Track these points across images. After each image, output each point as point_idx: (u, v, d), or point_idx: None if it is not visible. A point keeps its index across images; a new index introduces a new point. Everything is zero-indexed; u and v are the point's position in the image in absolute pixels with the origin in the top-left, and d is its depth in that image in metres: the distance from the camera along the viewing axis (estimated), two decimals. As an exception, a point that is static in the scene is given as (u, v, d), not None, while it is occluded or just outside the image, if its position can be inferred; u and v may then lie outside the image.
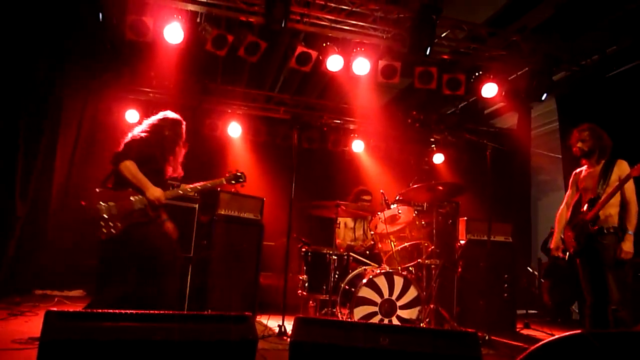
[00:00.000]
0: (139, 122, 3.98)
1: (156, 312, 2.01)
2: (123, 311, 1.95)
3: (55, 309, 1.90)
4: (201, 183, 3.82)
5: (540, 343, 2.46)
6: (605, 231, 3.89)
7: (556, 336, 2.48)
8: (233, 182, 4.00)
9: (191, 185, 3.76)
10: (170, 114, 3.80)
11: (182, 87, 7.57)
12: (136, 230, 3.37)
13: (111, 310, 1.98)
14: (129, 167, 3.38)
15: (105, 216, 3.28)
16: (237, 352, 2.09)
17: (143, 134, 3.58)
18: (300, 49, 5.87)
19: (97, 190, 3.38)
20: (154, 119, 3.74)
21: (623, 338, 2.65)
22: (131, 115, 7.21)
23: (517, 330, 5.98)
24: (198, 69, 7.32)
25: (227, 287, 5.23)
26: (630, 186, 3.93)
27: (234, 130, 7.96)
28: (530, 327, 6.21)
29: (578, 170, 4.31)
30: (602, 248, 3.87)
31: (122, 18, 5.46)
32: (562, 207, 4.36)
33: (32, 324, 4.16)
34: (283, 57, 7.14)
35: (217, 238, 5.25)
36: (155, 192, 3.44)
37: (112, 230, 3.28)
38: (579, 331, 2.47)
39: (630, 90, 6.22)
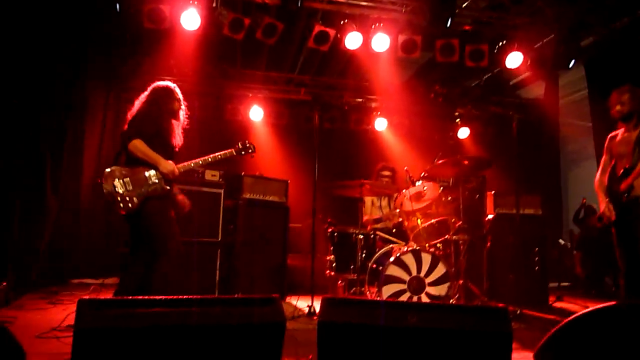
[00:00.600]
0: None
1: (188, 296, 2.03)
2: (154, 297, 1.98)
3: (88, 297, 1.94)
4: (211, 155, 3.83)
5: (574, 315, 2.42)
6: (639, 202, 3.75)
7: (590, 308, 2.43)
8: (242, 153, 4.04)
9: (202, 158, 3.77)
10: (159, 84, 3.79)
11: (202, 73, 7.60)
12: (151, 203, 3.43)
13: (142, 297, 2.02)
14: (138, 146, 3.42)
15: (121, 191, 3.36)
16: (266, 334, 2.11)
17: (143, 110, 3.61)
18: (317, 28, 5.80)
19: (108, 170, 3.43)
20: (145, 93, 3.74)
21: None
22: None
23: (550, 303, 5.89)
24: (217, 54, 7.32)
25: (255, 270, 5.29)
26: None
27: (256, 114, 7.97)
28: (563, 300, 6.12)
29: (613, 134, 4.11)
30: (636, 218, 3.74)
31: (139, 7, 5.48)
32: (598, 174, 4.19)
33: (70, 312, 4.30)
34: (301, 37, 7.06)
35: (242, 222, 5.29)
36: (168, 165, 3.50)
37: (129, 204, 3.36)
38: (613, 303, 2.42)
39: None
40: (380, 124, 8.40)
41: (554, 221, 8.17)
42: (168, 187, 3.54)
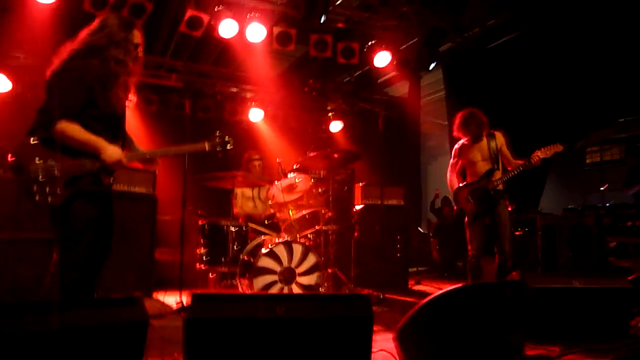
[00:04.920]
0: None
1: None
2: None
3: None
4: (175, 147, 3.12)
5: (428, 298, 2.66)
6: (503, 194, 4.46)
7: (441, 291, 2.70)
8: (219, 149, 3.11)
9: (162, 148, 3.05)
10: (111, 16, 2.84)
11: (60, 50, 6.86)
12: (81, 200, 2.56)
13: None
14: (66, 130, 2.49)
15: (41, 179, 2.43)
16: (127, 334, 1.99)
17: (72, 66, 2.63)
18: (190, 12, 5.56)
19: (31, 141, 2.48)
20: (85, 32, 2.76)
21: (493, 287, 2.97)
22: (1, 81, 6.42)
23: (410, 287, 6.40)
24: (76, 31, 6.66)
25: (121, 266, 4.95)
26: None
27: (122, 98, 7.42)
28: (421, 284, 6.69)
29: (462, 143, 4.72)
30: (500, 206, 4.43)
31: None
32: (450, 173, 4.76)
33: None
34: (173, 21, 6.73)
35: (105, 215, 4.92)
36: (114, 153, 2.60)
37: (49, 197, 2.45)
38: (460, 285, 2.71)
39: (507, 60, 6.76)
40: (255, 115, 8.35)
41: (414, 211, 8.86)
42: (107, 180, 2.69)
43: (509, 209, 4.53)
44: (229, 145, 3.14)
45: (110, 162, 2.60)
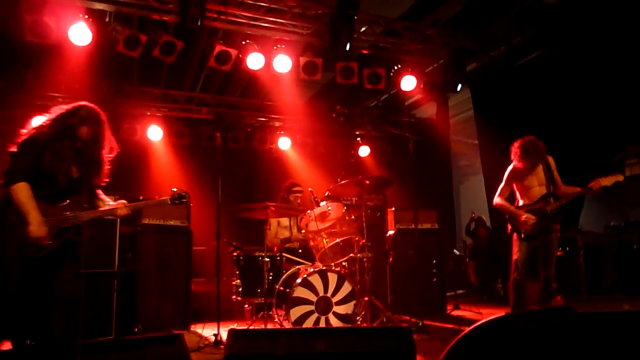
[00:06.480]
0: None
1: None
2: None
3: None
4: (135, 204, 3.41)
5: (468, 329, 2.57)
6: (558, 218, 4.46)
7: (482, 321, 2.61)
8: (177, 202, 3.56)
9: (118, 203, 3.27)
10: (84, 105, 3.18)
11: (95, 90, 7.13)
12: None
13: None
14: (17, 192, 2.80)
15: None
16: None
17: (39, 138, 2.99)
18: (218, 47, 5.72)
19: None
20: (57, 111, 3.12)
21: (538, 315, 2.85)
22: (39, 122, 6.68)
23: (448, 312, 6.23)
24: (112, 70, 6.93)
25: (157, 299, 5.01)
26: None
27: (154, 133, 7.63)
28: (460, 308, 6.51)
29: (515, 167, 4.65)
30: (553, 232, 4.41)
31: (19, 19, 5.03)
32: (498, 197, 4.72)
33: None
34: (202, 56, 6.93)
35: (142, 249, 5.02)
36: (38, 230, 2.80)
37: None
38: (502, 314, 2.62)
39: (536, 77, 6.66)
40: (284, 143, 8.44)
41: (448, 233, 8.70)
42: (30, 251, 2.84)
43: (558, 234, 4.48)
44: (184, 199, 3.58)
45: (32, 236, 2.79)
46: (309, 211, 4.73)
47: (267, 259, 4.62)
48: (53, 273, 2.98)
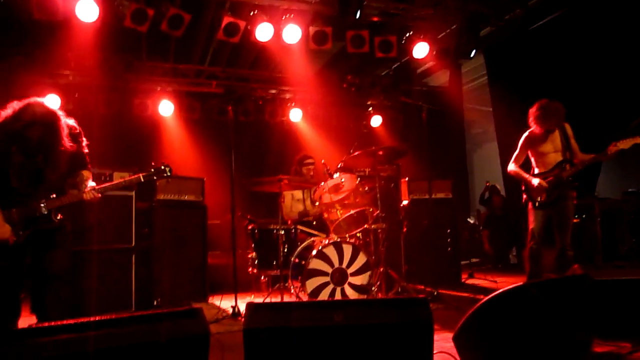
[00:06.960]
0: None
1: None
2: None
3: None
4: (102, 185, 3.31)
5: (485, 299, 2.58)
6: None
7: (499, 291, 2.61)
8: (155, 178, 3.45)
9: (88, 188, 3.21)
10: (28, 105, 3.06)
11: (104, 66, 7.10)
12: None
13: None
14: None
15: None
16: (189, 348, 2.03)
17: None
18: (227, 19, 5.63)
19: None
20: (1, 116, 3.01)
21: (555, 284, 2.84)
22: (51, 100, 6.71)
23: (463, 280, 6.26)
24: (120, 46, 6.88)
25: (175, 273, 5.10)
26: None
27: (166, 108, 7.61)
28: (474, 277, 6.53)
29: (529, 134, 4.58)
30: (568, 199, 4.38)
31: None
32: (513, 163, 4.67)
33: None
34: (210, 28, 6.83)
35: (158, 225, 5.07)
36: (3, 233, 2.89)
37: None
38: (519, 284, 2.61)
39: (552, 41, 6.47)
40: (295, 115, 8.37)
41: (462, 202, 8.67)
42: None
43: (575, 202, 4.43)
44: (165, 173, 3.46)
45: None
46: (322, 183, 4.73)
47: (282, 232, 4.65)
48: (35, 257, 3.11)
